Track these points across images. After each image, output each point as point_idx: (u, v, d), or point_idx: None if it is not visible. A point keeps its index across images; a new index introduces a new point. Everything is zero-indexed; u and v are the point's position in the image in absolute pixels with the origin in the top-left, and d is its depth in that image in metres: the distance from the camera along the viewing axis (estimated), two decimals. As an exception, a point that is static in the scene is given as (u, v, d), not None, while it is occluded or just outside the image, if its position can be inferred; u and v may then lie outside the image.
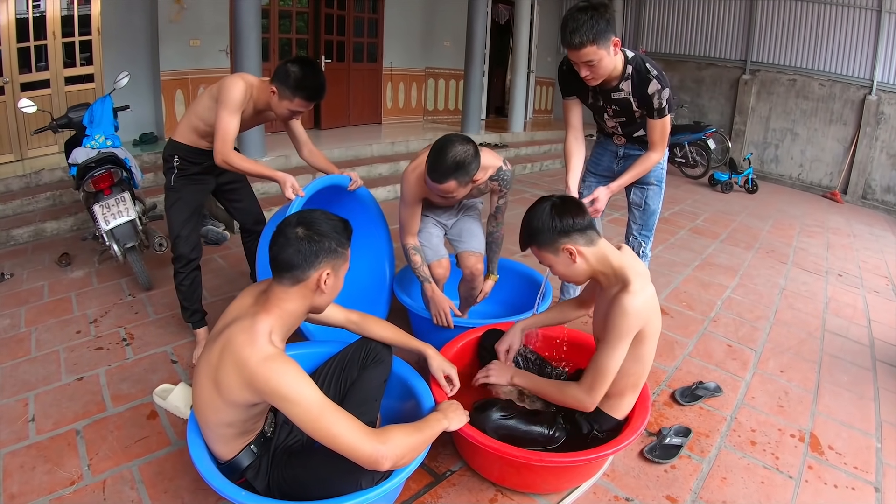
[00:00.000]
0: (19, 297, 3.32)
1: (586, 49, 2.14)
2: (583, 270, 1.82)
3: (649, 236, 2.88)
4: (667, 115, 2.40)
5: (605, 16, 2.12)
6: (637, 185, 2.76)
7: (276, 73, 2.44)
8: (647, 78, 2.33)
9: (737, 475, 2.10)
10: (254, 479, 1.67)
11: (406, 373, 2.11)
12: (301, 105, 2.47)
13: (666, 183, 2.83)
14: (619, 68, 2.34)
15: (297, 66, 2.40)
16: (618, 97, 2.44)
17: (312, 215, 1.55)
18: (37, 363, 2.64)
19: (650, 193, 2.77)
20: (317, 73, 2.45)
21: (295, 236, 1.49)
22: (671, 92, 2.36)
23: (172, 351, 2.79)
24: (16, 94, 4.99)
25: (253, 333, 1.46)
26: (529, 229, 1.83)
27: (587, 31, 2.11)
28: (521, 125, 8.72)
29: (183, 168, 2.67)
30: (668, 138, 2.50)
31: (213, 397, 1.50)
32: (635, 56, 2.37)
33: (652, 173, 2.70)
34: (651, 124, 2.45)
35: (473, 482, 2.00)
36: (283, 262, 1.50)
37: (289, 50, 7.07)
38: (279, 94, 2.43)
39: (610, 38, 2.17)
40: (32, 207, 4.64)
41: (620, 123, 2.61)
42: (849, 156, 8.11)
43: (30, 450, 2.07)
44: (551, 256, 1.82)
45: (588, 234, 1.79)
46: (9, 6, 4.82)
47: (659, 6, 9.80)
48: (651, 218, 2.83)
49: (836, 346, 3.29)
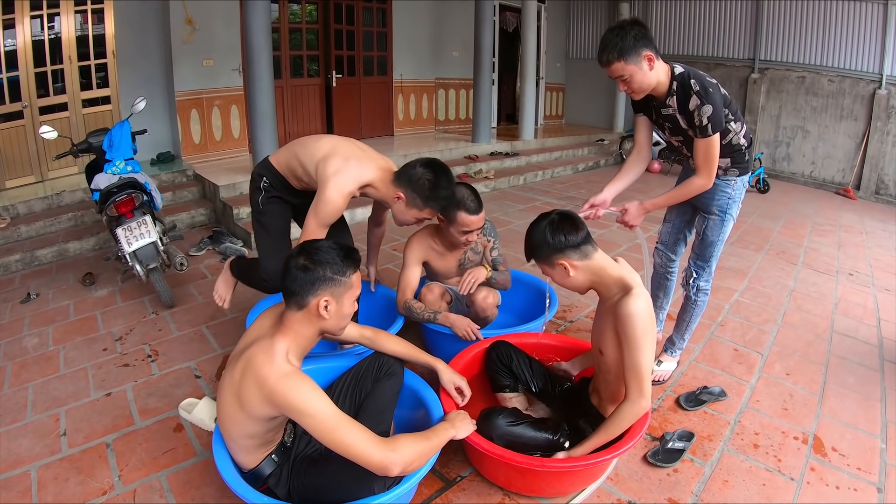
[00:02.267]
0: (47, 317, 3.46)
1: (613, 66, 2.20)
2: (580, 282, 1.94)
3: (704, 267, 2.68)
4: (710, 135, 2.24)
5: (632, 32, 2.15)
6: (700, 212, 2.62)
7: (404, 176, 2.32)
8: (689, 93, 2.24)
9: (738, 478, 2.16)
10: (275, 486, 1.78)
11: (417, 384, 2.22)
12: (431, 214, 2.40)
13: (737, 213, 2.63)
14: (665, 83, 2.29)
15: (430, 173, 2.30)
16: (667, 114, 2.38)
17: (316, 244, 1.66)
18: (66, 380, 2.77)
19: (709, 224, 2.57)
20: (451, 181, 2.35)
21: (295, 265, 1.61)
22: (717, 108, 2.20)
23: (196, 366, 2.90)
24: (35, 118, 5.19)
25: (271, 353, 1.58)
26: (529, 244, 1.97)
27: (613, 49, 2.17)
28: (532, 132, 8.79)
29: (269, 190, 2.64)
30: (715, 163, 2.31)
31: (236, 412, 1.62)
32: (683, 71, 2.28)
33: (714, 202, 2.52)
34: (695, 144, 2.31)
35: (482, 487, 2.08)
36: (286, 289, 1.63)
37: (300, 66, 7.22)
38: (407, 202, 2.34)
39: (641, 54, 2.17)
40: (55, 228, 4.80)
41: (682, 143, 2.49)
42: (860, 151, 8.08)
43: (62, 462, 2.19)
44: (549, 269, 1.96)
45: (583, 249, 1.89)
46: (25, 30, 5.01)
47: (666, 7, 9.84)
48: (707, 249, 2.63)
49: (845, 347, 3.31)
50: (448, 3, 8.67)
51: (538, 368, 2.35)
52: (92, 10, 5.48)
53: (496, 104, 9.60)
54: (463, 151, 7.63)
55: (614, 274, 1.91)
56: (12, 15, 4.91)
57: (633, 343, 1.81)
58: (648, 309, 1.82)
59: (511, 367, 2.33)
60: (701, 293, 2.72)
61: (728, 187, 2.49)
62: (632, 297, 1.81)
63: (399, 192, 2.34)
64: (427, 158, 2.38)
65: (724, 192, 2.50)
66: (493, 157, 7.71)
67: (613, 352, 1.94)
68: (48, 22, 5.21)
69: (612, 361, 1.96)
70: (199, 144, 6.31)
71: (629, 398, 1.87)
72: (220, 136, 6.47)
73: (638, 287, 1.85)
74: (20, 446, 2.28)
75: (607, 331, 1.94)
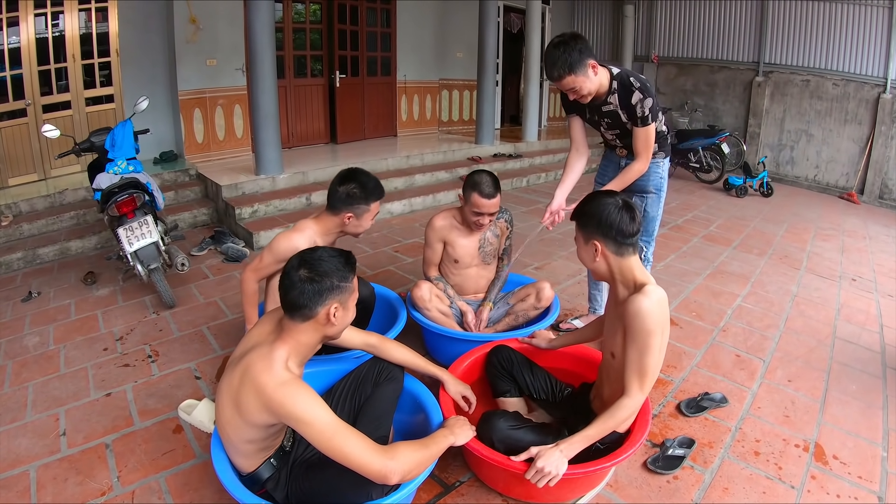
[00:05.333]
0: (47, 315, 3.46)
1: (565, 80, 2.45)
2: (602, 270, 1.94)
3: (650, 241, 3.06)
4: (650, 123, 2.61)
5: (576, 47, 2.39)
6: (637, 193, 2.92)
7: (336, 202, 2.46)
8: (630, 90, 2.56)
9: (738, 485, 2.15)
10: (273, 491, 1.78)
11: (417, 388, 2.22)
12: (377, 207, 2.56)
13: (667, 189, 3.02)
14: (606, 84, 2.58)
15: (349, 181, 2.45)
16: (608, 110, 2.68)
17: (314, 255, 1.64)
18: (66, 380, 2.77)
19: (649, 201, 2.95)
20: (367, 173, 2.52)
21: (298, 279, 1.58)
22: (654, 101, 2.57)
23: (196, 367, 2.90)
24: (38, 116, 5.20)
25: (270, 361, 1.57)
26: (587, 209, 1.93)
27: (562, 65, 2.40)
28: (535, 134, 8.75)
29: None
30: (651, 148, 2.69)
31: (234, 417, 1.61)
32: (620, 72, 2.60)
33: (650, 182, 2.90)
34: (635, 133, 2.65)
35: (481, 492, 2.08)
36: (290, 303, 1.60)
37: (304, 65, 7.22)
38: (356, 215, 2.49)
39: (586, 64, 2.43)
40: (57, 226, 4.81)
41: (617, 135, 2.82)
42: (864, 155, 8.04)
43: (62, 462, 2.19)
44: (581, 241, 1.97)
45: (623, 247, 1.88)
46: (29, 29, 5.02)
47: (670, 10, 9.81)
48: (651, 224, 3.00)
49: (847, 353, 3.30)
50: (452, 4, 8.66)
51: (539, 374, 2.33)
52: (96, 8, 5.50)
53: (500, 105, 9.57)
54: (466, 153, 7.62)
55: (639, 278, 1.89)
56: (16, 13, 4.93)
57: (639, 340, 1.80)
58: (660, 308, 1.80)
59: (512, 371, 2.32)
60: (649, 264, 3.08)
61: (659, 168, 2.90)
62: (643, 293, 1.80)
63: (344, 215, 2.47)
64: (339, 174, 2.51)
65: (657, 173, 2.89)
66: (496, 158, 7.68)
67: (624, 354, 1.91)
68: (52, 20, 5.22)
69: (623, 365, 1.91)
70: (202, 144, 6.31)
71: (629, 393, 1.85)
72: (223, 136, 6.47)
73: (651, 285, 1.84)
74: (20, 446, 2.28)
75: (619, 333, 1.92)
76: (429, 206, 6.11)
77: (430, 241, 2.98)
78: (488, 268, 3.07)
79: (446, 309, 2.90)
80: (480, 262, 3.02)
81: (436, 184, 6.65)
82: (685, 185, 7.93)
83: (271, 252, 2.43)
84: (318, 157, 6.72)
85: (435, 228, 2.95)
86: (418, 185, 6.53)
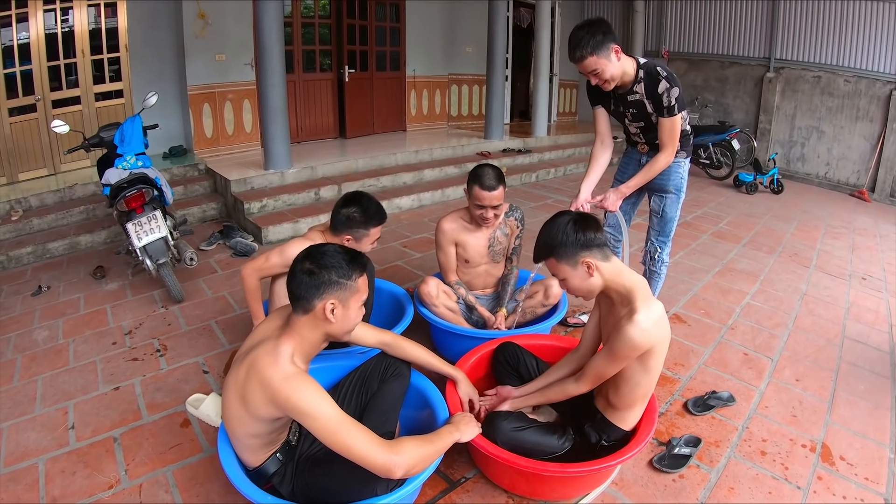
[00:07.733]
0: (57, 310, 3.49)
1: (587, 61, 2.45)
2: (597, 285, 1.89)
3: (666, 242, 3.00)
4: (676, 114, 2.56)
5: (601, 29, 2.41)
6: (656, 192, 2.92)
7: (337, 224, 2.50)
8: (657, 79, 2.54)
9: (744, 485, 2.14)
10: (279, 485, 1.79)
11: (423, 384, 2.22)
12: (378, 232, 2.58)
13: (686, 189, 2.94)
14: (631, 73, 2.57)
15: (352, 204, 2.49)
16: (633, 100, 2.65)
17: (322, 249, 1.66)
18: (75, 373, 2.80)
19: (668, 202, 2.91)
20: (370, 197, 2.55)
21: (301, 270, 1.61)
22: (681, 91, 2.53)
23: (204, 361, 2.92)
24: (48, 111, 5.23)
25: (276, 355, 1.58)
26: (550, 241, 1.87)
27: (585, 45, 2.41)
28: (545, 129, 8.71)
29: None
30: (677, 140, 2.65)
31: (241, 412, 1.62)
32: (647, 62, 2.59)
33: (670, 181, 2.85)
34: (661, 124, 2.62)
35: (486, 489, 2.08)
36: (292, 293, 1.62)
37: (313, 60, 7.23)
38: (355, 239, 2.51)
39: (609, 47, 2.43)
40: (67, 221, 4.84)
41: (641, 129, 2.79)
42: (876, 153, 7.96)
43: (70, 456, 2.22)
44: (568, 269, 1.87)
45: (604, 251, 1.87)
46: (39, 25, 5.05)
47: (680, 5, 9.73)
48: (668, 225, 2.96)
49: (855, 353, 3.28)
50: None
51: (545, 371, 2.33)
52: (105, 3, 5.52)
53: (509, 100, 9.53)
54: (475, 148, 7.60)
55: (627, 282, 1.87)
56: (25, 9, 4.95)
57: (612, 356, 1.86)
58: (645, 335, 1.77)
59: (518, 368, 2.32)
60: (664, 266, 3.05)
61: (680, 168, 2.83)
62: (632, 322, 1.76)
63: (344, 237, 2.50)
64: (344, 196, 2.58)
65: (677, 173, 2.84)
66: (505, 153, 7.67)
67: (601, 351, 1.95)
68: (61, 15, 5.24)
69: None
70: (211, 138, 6.33)
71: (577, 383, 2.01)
72: (232, 131, 6.49)
73: (643, 310, 1.78)
74: (28, 439, 2.31)
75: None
76: (437, 202, 6.10)
77: (441, 245, 2.95)
78: (497, 265, 3.06)
79: (453, 305, 2.91)
80: (490, 260, 3.01)
81: (445, 179, 6.64)
82: (695, 181, 7.86)
83: (282, 255, 2.46)
84: (327, 151, 6.72)
85: (445, 231, 2.93)
86: (427, 181, 6.52)
